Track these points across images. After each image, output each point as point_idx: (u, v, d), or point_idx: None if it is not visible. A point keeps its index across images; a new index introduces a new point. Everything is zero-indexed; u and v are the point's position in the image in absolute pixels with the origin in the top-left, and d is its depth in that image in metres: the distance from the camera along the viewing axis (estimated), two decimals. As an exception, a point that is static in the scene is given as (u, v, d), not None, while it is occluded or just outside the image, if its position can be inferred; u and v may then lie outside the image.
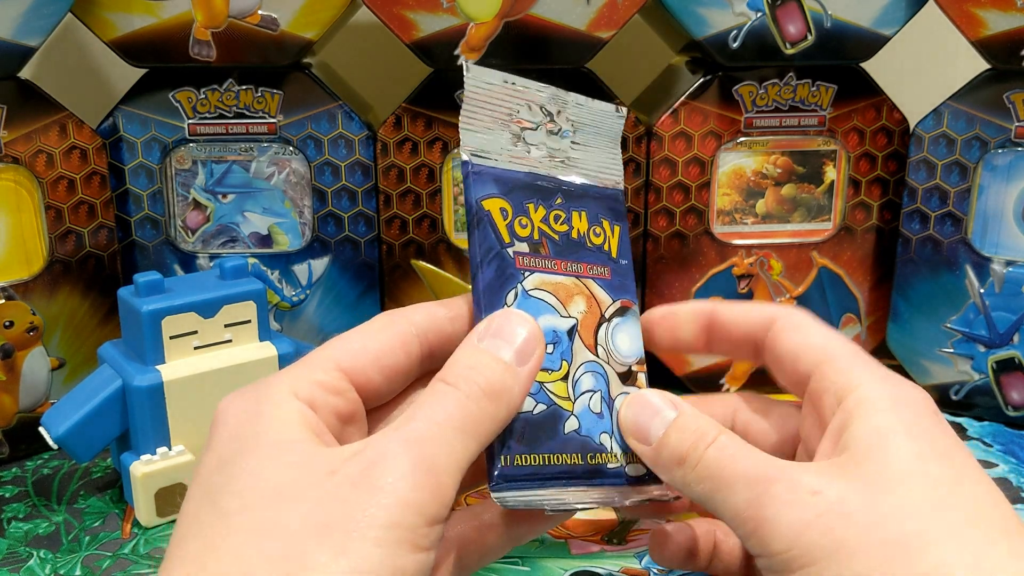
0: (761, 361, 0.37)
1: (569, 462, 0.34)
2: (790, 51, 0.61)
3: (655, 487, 0.36)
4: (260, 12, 0.58)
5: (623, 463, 0.35)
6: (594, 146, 0.39)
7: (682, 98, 0.62)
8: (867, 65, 0.63)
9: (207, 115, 0.61)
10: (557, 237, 0.36)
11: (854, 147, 0.64)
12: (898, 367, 0.66)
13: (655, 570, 0.48)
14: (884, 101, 0.63)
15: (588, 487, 0.34)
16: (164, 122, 0.61)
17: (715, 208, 0.65)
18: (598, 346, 0.36)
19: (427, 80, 0.61)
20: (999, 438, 0.63)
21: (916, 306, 0.65)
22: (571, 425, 0.34)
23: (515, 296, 0.34)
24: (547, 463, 0.33)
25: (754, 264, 0.65)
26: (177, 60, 0.59)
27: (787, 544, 0.29)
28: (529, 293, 0.34)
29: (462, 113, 0.37)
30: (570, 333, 0.35)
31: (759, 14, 0.60)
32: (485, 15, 0.58)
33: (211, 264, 0.63)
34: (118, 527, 0.53)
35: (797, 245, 0.65)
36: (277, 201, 0.63)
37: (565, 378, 0.34)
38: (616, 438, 0.35)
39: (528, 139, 0.38)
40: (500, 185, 0.36)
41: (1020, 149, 0.61)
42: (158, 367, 0.52)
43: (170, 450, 0.52)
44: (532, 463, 0.33)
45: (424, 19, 0.58)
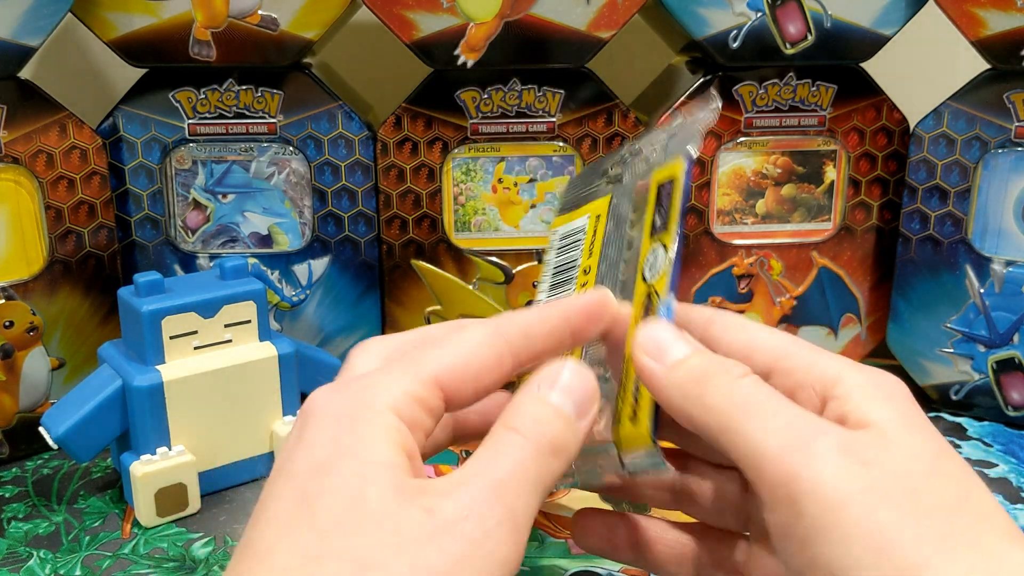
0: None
1: None
2: (790, 51, 0.61)
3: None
4: (260, 12, 0.58)
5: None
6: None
7: (682, 98, 0.62)
8: (867, 65, 0.63)
9: (207, 115, 0.61)
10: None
11: (854, 147, 0.64)
12: (898, 367, 0.66)
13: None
14: (884, 101, 0.63)
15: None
16: (164, 122, 0.61)
17: (715, 208, 0.65)
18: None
19: (427, 80, 0.61)
20: (999, 438, 0.63)
21: (916, 306, 0.65)
22: None
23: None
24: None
25: (754, 264, 0.65)
26: (177, 60, 0.59)
27: (824, 511, 0.27)
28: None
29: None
30: None
31: (759, 14, 0.60)
32: (485, 15, 0.58)
33: (211, 264, 0.63)
34: (118, 527, 0.53)
35: (797, 245, 0.65)
36: (277, 201, 0.63)
37: None
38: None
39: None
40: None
41: (1020, 149, 0.61)
42: (158, 367, 0.52)
43: (170, 450, 0.52)
44: None
45: (424, 19, 0.58)
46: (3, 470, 0.59)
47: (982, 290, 0.63)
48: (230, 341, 0.54)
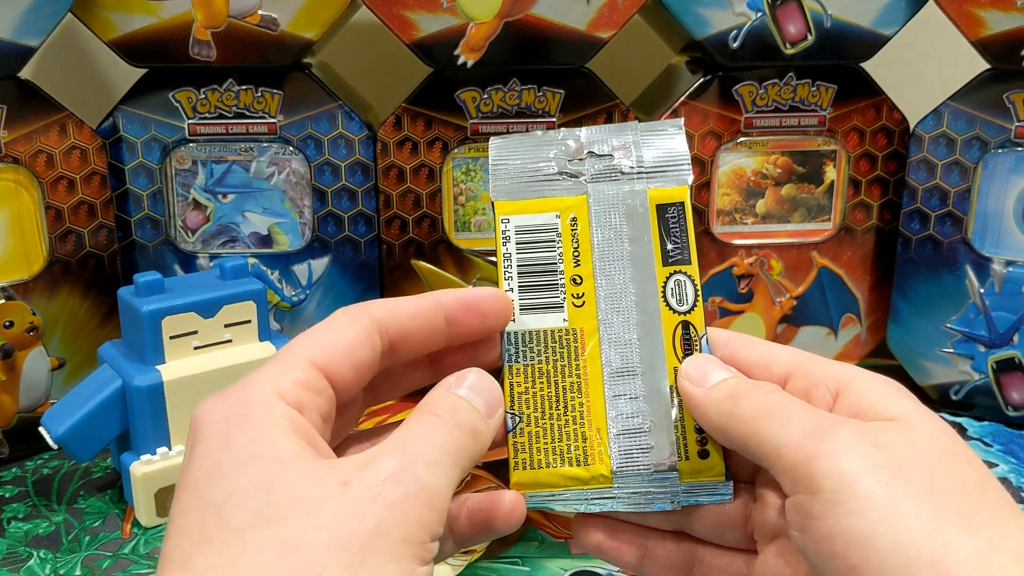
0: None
1: None
2: (790, 51, 0.61)
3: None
4: (260, 12, 0.58)
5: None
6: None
7: (682, 98, 0.62)
8: (867, 65, 0.63)
9: (207, 115, 0.61)
10: None
11: (854, 147, 0.64)
12: (898, 367, 0.66)
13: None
14: (884, 101, 0.63)
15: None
16: (164, 122, 0.61)
17: (715, 208, 0.65)
18: None
19: (427, 80, 0.61)
20: (999, 438, 0.63)
21: (916, 306, 0.65)
22: None
23: None
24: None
25: (754, 264, 0.65)
26: (177, 60, 0.59)
27: (839, 484, 0.28)
28: None
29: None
30: None
31: (759, 14, 0.60)
32: (485, 15, 0.58)
33: (211, 264, 0.63)
34: (118, 527, 0.53)
35: (797, 245, 0.65)
36: (277, 201, 0.63)
37: None
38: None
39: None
40: None
41: (1020, 149, 0.61)
42: (158, 367, 0.52)
43: (170, 450, 0.52)
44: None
45: (424, 19, 0.58)
46: (3, 470, 0.59)
47: (982, 290, 0.63)
48: (230, 341, 0.54)
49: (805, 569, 0.32)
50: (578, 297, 0.37)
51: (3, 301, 0.57)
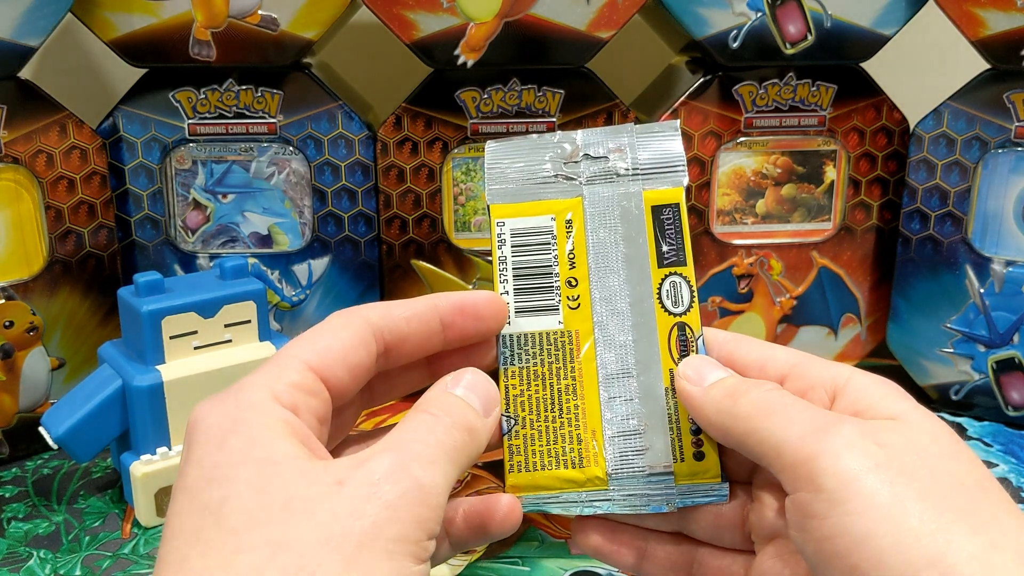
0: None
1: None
2: (790, 51, 0.61)
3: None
4: (260, 12, 0.58)
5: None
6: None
7: (682, 98, 0.62)
8: (867, 65, 0.63)
9: (207, 115, 0.61)
10: None
11: (854, 147, 0.64)
12: (898, 367, 0.66)
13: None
14: (884, 101, 0.63)
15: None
16: (164, 122, 0.61)
17: (715, 208, 0.65)
18: None
19: (427, 80, 0.61)
20: (999, 438, 0.63)
21: (916, 306, 0.65)
22: None
23: None
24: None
25: (754, 264, 0.65)
26: (177, 60, 0.59)
27: (840, 482, 0.28)
28: None
29: None
30: None
31: (759, 14, 0.60)
32: (485, 15, 0.58)
33: (211, 264, 0.63)
34: (118, 527, 0.53)
35: (797, 245, 0.65)
36: (277, 201, 0.63)
37: None
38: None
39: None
40: None
41: (1020, 149, 0.61)
42: (158, 367, 0.52)
43: (170, 450, 0.52)
44: None
45: (424, 19, 0.58)
46: (3, 470, 0.59)
47: (982, 290, 0.63)
48: (230, 341, 0.54)
49: (803, 570, 0.32)
50: (573, 299, 0.37)
51: (3, 301, 0.57)
